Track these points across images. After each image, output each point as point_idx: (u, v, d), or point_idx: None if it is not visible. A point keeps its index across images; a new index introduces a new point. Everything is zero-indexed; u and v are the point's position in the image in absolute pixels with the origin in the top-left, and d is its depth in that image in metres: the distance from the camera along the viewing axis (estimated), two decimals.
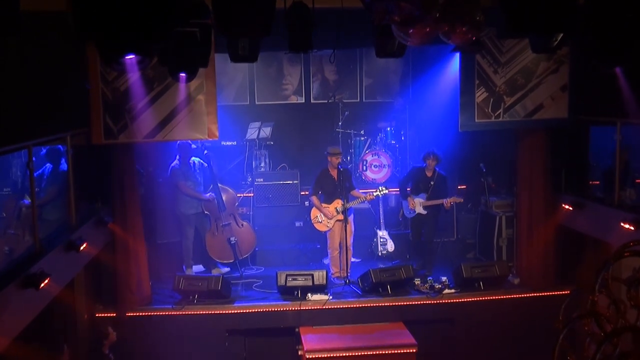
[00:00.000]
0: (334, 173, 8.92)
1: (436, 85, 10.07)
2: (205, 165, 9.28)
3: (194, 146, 9.24)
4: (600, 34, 4.63)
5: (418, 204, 9.16)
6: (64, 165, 7.48)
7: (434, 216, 9.28)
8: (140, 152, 8.61)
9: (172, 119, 7.86)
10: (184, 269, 9.26)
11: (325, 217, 8.91)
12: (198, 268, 9.46)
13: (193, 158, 9.24)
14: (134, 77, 7.64)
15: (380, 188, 8.99)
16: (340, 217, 8.83)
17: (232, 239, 9.10)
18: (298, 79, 11.37)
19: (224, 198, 9.31)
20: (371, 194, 8.96)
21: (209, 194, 9.21)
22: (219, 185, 9.33)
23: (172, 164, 9.12)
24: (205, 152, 9.33)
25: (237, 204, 9.62)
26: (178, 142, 8.74)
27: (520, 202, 8.98)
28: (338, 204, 8.86)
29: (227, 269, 9.31)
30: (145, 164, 9.20)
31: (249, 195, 10.10)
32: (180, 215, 9.24)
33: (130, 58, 4.20)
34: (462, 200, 9.28)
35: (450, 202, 9.08)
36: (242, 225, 9.43)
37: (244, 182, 10.49)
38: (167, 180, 9.25)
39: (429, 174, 9.15)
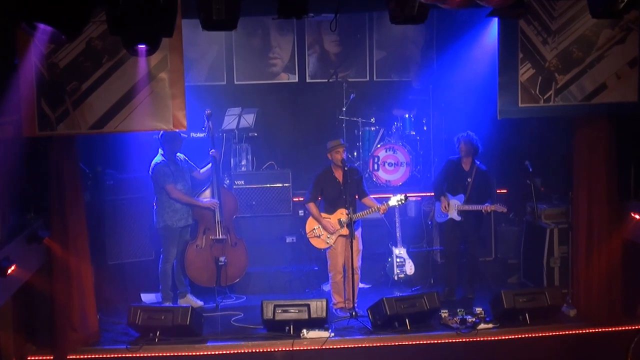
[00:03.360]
0: (339, 174, 8.89)
1: (468, 60, 10.14)
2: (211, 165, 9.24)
3: (184, 135, 9.14)
4: None
5: (453, 207, 9.30)
6: None
7: (475, 227, 9.44)
8: (85, 147, 8.59)
9: (126, 104, 7.79)
10: (142, 297, 9.23)
11: (325, 230, 8.88)
12: (149, 298, 9.36)
13: (178, 154, 9.16)
14: (77, 49, 7.59)
15: (397, 196, 8.92)
16: (345, 231, 8.79)
17: (222, 259, 9.03)
18: (289, 52, 11.51)
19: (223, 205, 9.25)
20: (385, 203, 8.89)
21: (209, 201, 9.13)
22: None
23: (156, 160, 8.99)
24: (212, 151, 9.24)
25: (236, 215, 9.51)
26: (161, 131, 8.60)
27: (578, 210, 8.96)
28: (342, 214, 8.82)
29: (200, 303, 9.24)
30: (92, 162, 9.22)
31: None
32: (165, 229, 9.09)
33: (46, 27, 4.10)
34: (505, 209, 9.25)
35: (490, 209, 9.16)
36: (236, 243, 9.35)
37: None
38: (152, 180, 9.07)
39: (465, 167, 9.28)
